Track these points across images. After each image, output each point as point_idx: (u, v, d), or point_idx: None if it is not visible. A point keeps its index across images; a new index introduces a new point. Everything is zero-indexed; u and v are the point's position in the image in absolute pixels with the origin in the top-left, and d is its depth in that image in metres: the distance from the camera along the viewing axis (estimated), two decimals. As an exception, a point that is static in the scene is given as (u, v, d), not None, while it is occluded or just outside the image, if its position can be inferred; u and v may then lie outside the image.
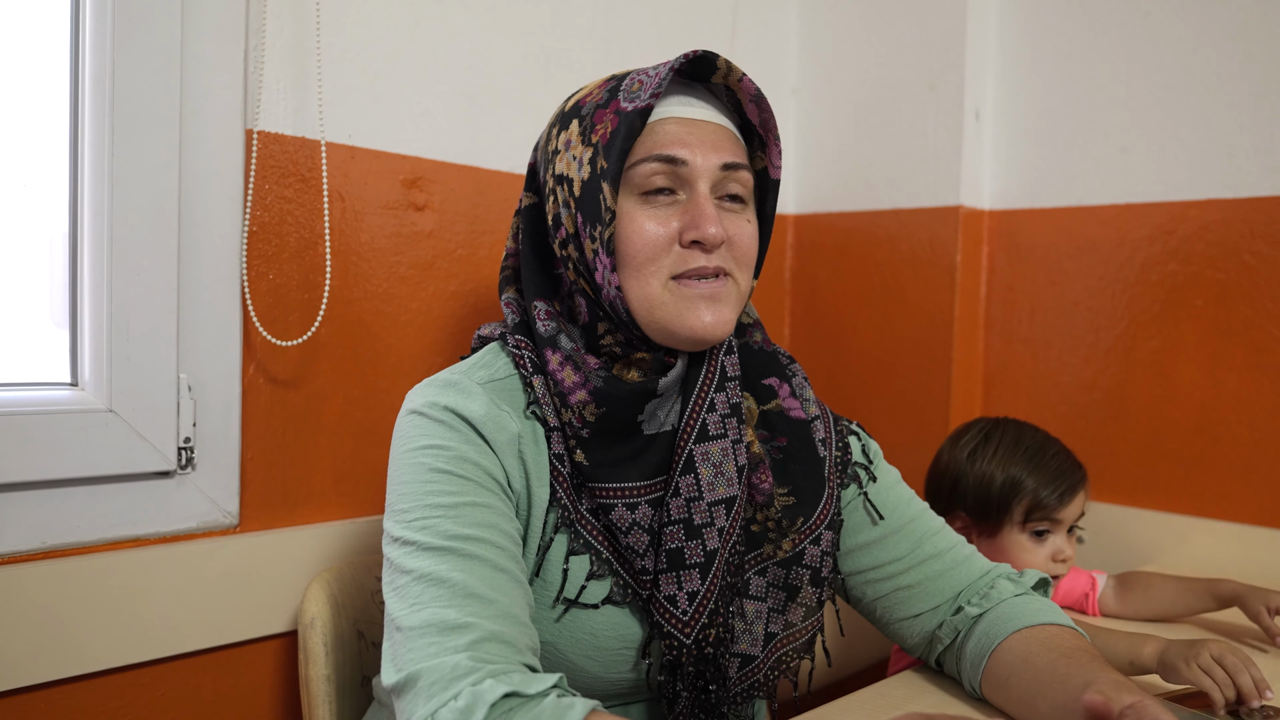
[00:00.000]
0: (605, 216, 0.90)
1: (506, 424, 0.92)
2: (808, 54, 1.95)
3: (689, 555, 0.92)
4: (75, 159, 1.13)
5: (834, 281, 1.91)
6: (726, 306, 0.93)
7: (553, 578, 0.92)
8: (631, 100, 0.90)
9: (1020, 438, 1.36)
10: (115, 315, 1.12)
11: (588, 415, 0.92)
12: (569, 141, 0.94)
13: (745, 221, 0.95)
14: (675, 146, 0.91)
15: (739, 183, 0.94)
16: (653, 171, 0.91)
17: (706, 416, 0.95)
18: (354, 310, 1.33)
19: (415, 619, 0.80)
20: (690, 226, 0.90)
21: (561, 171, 0.95)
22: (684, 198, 0.92)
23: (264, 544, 1.24)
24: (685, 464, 0.93)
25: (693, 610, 0.93)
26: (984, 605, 1.02)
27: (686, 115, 0.93)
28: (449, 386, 0.93)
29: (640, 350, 0.94)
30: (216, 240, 1.20)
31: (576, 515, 0.93)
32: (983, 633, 0.99)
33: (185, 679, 1.20)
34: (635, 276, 0.91)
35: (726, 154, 0.93)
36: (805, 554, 1.00)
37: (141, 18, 1.12)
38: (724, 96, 0.98)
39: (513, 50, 1.48)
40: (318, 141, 1.27)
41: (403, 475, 0.89)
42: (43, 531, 1.09)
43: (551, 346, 0.94)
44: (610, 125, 0.90)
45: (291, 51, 1.25)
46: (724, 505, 0.94)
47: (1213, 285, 1.56)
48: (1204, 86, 1.57)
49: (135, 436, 1.14)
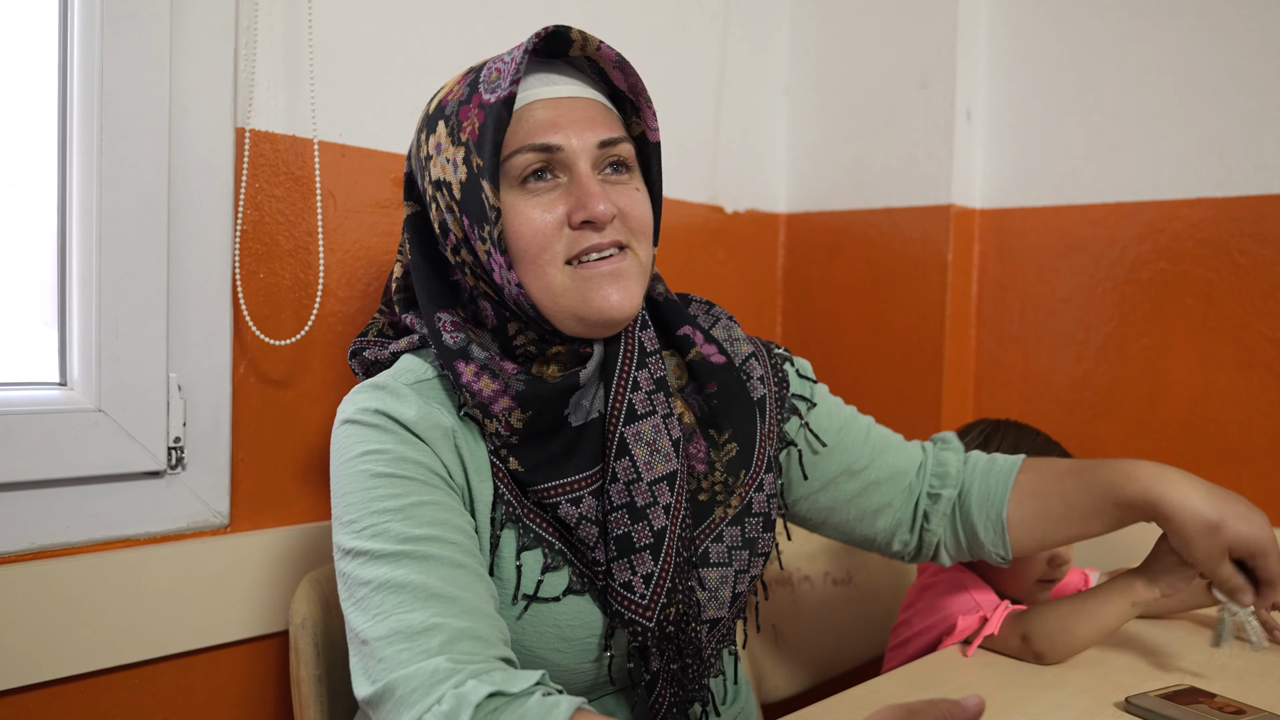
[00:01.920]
0: (491, 215, 0.88)
1: (439, 419, 0.90)
2: (799, 53, 1.95)
3: (637, 539, 0.91)
4: (64, 157, 1.12)
5: (826, 280, 1.91)
6: (631, 281, 0.91)
7: (507, 575, 0.91)
8: (493, 91, 0.88)
9: (1020, 441, 1.36)
10: (104, 314, 1.11)
11: (514, 421, 0.90)
12: (439, 145, 0.92)
13: (634, 190, 0.94)
14: (548, 133, 0.89)
15: (620, 154, 0.93)
16: (530, 161, 0.89)
17: (632, 396, 0.93)
18: (345, 309, 1.32)
19: (380, 629, 0.79)
20: (578, 208, 0.88)
21: (438, 176, 0.93)
22: (565, 180, 0.90)
23: (255, 544, 1.23)
24: (619, 448, 0.92)
25: (650, 593, 0.91)
26: (956, 482, 1.14)
27: (552, 95, 0.91)
28: (379, 390, 0.91)
29: (555, 344, 0.93)
30: (207, 239, 1.19)
31: (523, 509, 0.92)
32: (981, 494, 1.12)
33: (176, 679, 1.20)
34: (532, 268, 0.89)
35: (601, 130, 0.91)
36: (753, 503, 1.00)
37: (130, 15, 1.11)
38: (586, 68, 0.96)
39: (504, 49, 1.48)
40: (310, 140, 1.26)
41: (345, 486, 0.87)
42: (32, 532, 1.09)
43: (463, 358, 0.92)
44: (477, 121, 0.88)
45: (283, 50, 1.25)
46: (665, 482, 0.93)
47: (1202, 283, 1.57)
48: (1194, 86, 1.58)
49: (125, 436, 1.13)
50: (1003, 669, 1.11)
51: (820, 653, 1.56)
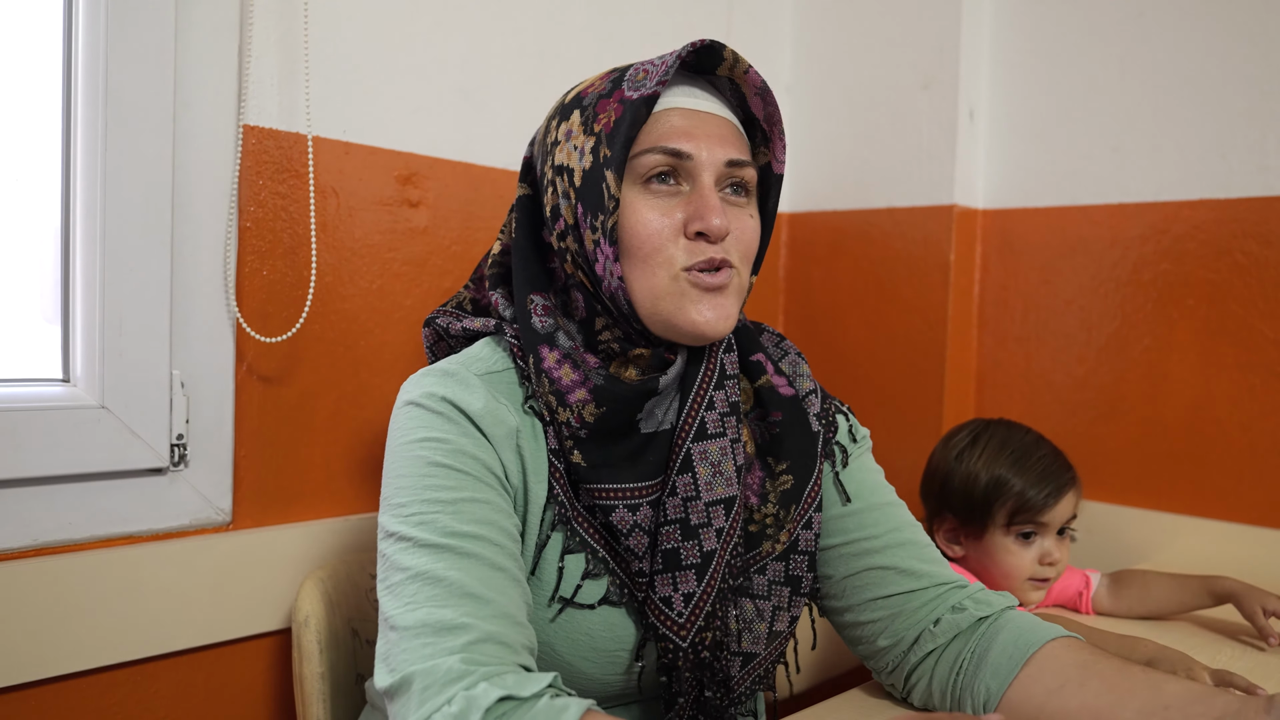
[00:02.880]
0: (609, 205, 0.88)
1: (505, 417, 0.90)
2: (802, 53, 1.95)
3: (685, 556, 0.91)
4: (68, 154, 1.12)
5: (828, 280, 1.91)
6: (729, 301, 0.91)
7: (549, 576, 0.91)
8: (637, 89, 0.89)
9: (1009, 439, 1.35)
10: (108, 311, 1.11)
11: (586, 415, 0.90)
12: (570, 132, 0.93)
13: (748, 216, 0.94)
14: (680, 139, 0.90)
15: (743, 178, 0.93)
16: (657, 163, 0.89)
17: (705, 414, 0.94)
18: (348, 306, 1.32)
19: (410, 619, 0.79)
20: (695, 218, 0.89)
21: (561, 162, 0.93)
22: (687, 189, 0.91)
23: (257, 541, 1.23)
24: (683, 463, 0.92)
25: (689, 612, 0.91)
26: (986, 610, 0.95)
27: (691, 106, 0.92)
28: (447, 377, 0.91)
29: (639, 346, 0.93)
30: (209, 236, 1.19)
31: (573, 513, 0.92)
32: (1009, 640, 0.92)
33: (178, 677, 1.20)
34: (641, 267, 0.89)
35: (732, 149, 0.92)
36: (800, 540, 0.99)
37: (134, 11, 1.11)
38: (728, 89, 0.96)
39: (507, 47, 1.48)
40: (308, 136, 1.26)
41: (400, 468, 0.88)
42: (35, 528, 1.09)
43: (548, 343, 0.92)
44: (614, 114, 0.89)
45: (283, 47, 1.25)
46: (723, 505, 0.93)
47: (1205, 285, 1.57)
48: (1197, 87, 1.58)
49: (128, 433, 1.13)
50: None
51: (822, 652, 1.56)
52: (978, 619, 0.95)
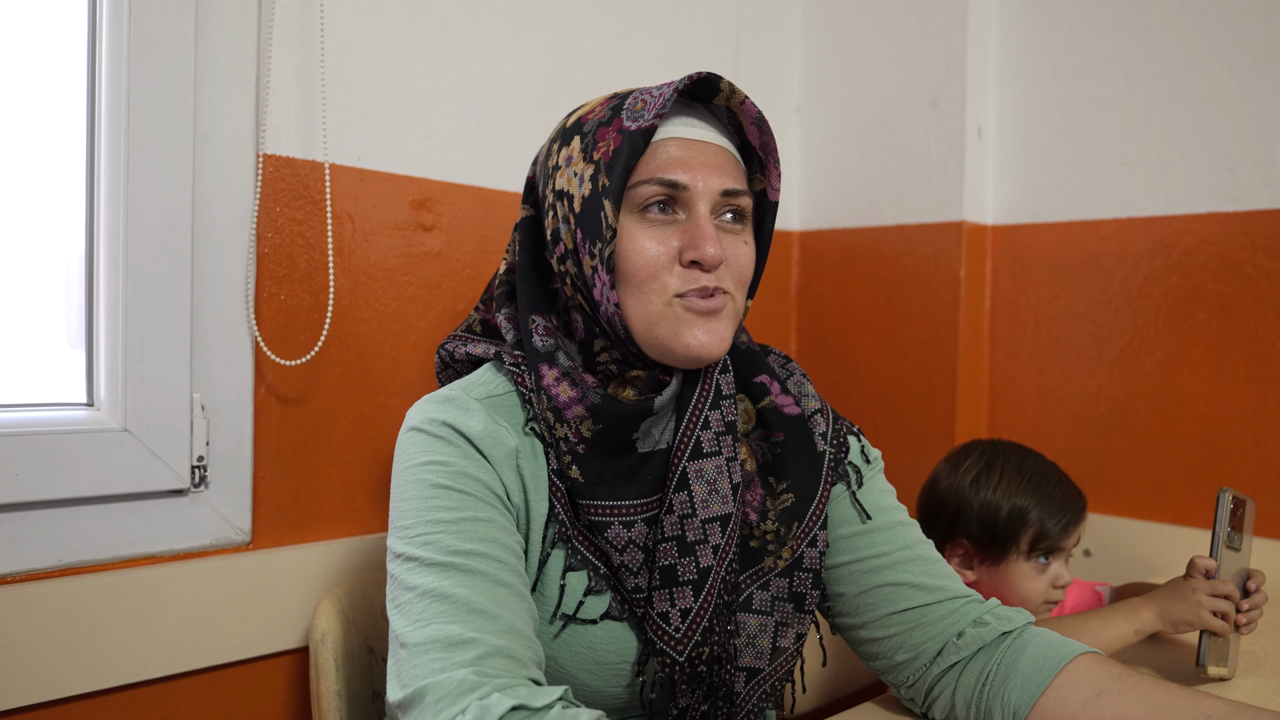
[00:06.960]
0: (606, 234, 0.91)
1: (504, 439, 0.93)
2: (811, 73, 1.97)
3: (681, 572, 0.93)
4: (91, 182, 1.16)
5: (839, 297, 1.92)
6: (723, 324, 0.93)
7: (551, 592, 0.93)
8: (635, 120, 0.91)
9: (1023, 465, 1.35)
10: (130, 336, 1.14)
11: (584, 431, 0.93)
12: (570, 157, 0.95)
13: (743, 243, 0.96)
14: (677, 170, 0.92)
15: (738, 206, 0.95)
16: (654, 193, 0.91)
17: (701, 434, 0.96)
18: (364, 329, 1.34)
19: (419, 635, 0.80)
20: (690, 246, 0.91)
21: (562, 187, 0.95)
22: (683, 218, 0.93)
23: (276, 561, 1.25)
24: (679, 481, 0.94)
25: (685, 627, 0.93)
26: (1008, 625, 0.96)
27: (688, 136, 0.94)
28: (447, 402, 0.94)
29: (636, 368, 0.95)
30: (228, 262, 1.22)
31: (574, 531, 0.94)
32: (1039, 652, 0.92)
33: (198, 695, 1.21)
34: (635, 294, 0.91)
35: (728, 179, 0.94)
36: (804, 558, 1.00)
37: (156, 44, 1.14)
38: (725, 118, 0.99)
39: (518, 74, 1.51)
40: (324, 164, 1.29)
41: (404, 492, 0.90)
42: (59, 549, 1.11)
43: (548, 362, 0.95)
44: (613, 144, 0.91)
45: (300, 78, 1.28)
46: (718, 522, 0.95)
47: (1215, 298, 1.57)
48: (1204, 100, 1.58)
49: (150, 455, 1.16)
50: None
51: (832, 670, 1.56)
52: (1001, 633, 0.96)
